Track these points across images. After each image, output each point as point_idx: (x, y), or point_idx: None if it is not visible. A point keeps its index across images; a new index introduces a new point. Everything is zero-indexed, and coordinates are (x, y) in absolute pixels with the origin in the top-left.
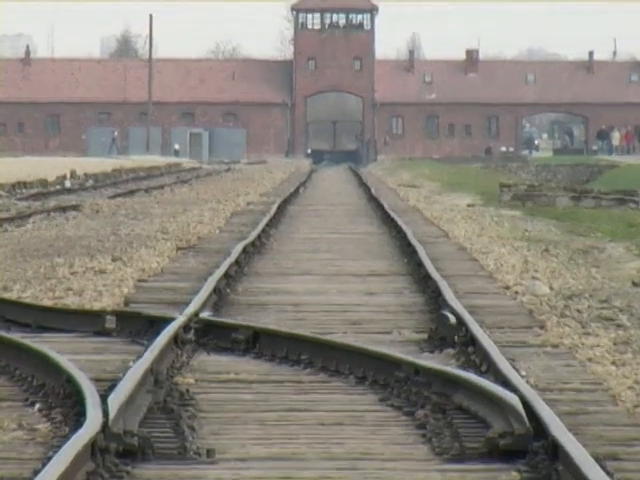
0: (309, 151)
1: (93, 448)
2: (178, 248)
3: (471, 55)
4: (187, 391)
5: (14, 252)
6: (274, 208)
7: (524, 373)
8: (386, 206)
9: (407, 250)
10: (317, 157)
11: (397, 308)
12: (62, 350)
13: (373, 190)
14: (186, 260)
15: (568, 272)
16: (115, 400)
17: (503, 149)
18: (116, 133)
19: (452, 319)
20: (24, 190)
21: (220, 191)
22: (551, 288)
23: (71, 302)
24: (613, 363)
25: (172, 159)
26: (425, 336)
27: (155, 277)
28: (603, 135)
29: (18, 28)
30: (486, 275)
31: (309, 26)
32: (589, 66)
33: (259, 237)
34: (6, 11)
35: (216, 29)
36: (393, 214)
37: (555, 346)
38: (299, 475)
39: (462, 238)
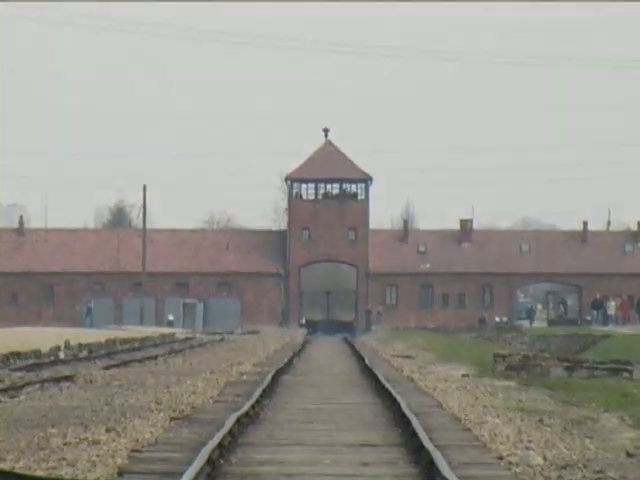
0: (303, 321)
1: None
2: (172, 418)
3: (465, 225)
4: None
5: (8, 423)
6: (268, 378)
7: None
8: (380, 376)
9: (401, 421)
10: (311, 327)
11: (391, 479)
12: None
13: (367, 360)
14: (180, 430)
15: (562, 442)
16: None
17: (497, 319)
18: (92, 303)
19: None
20: (18, 361)
21: (214, 361)
22: (545, 458)
23: (65, 472)
24: None
25: (166, 329)
26: None
27: (149, 447)
28: (597, 305)
29: (12, 198)
30: (480, 445)
31: (303, 196)
32: (583, 236)
33: (253, 407)
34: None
35: (210, 199)
36: (387, 384)
37: None
38: None
39: (456, 408)
